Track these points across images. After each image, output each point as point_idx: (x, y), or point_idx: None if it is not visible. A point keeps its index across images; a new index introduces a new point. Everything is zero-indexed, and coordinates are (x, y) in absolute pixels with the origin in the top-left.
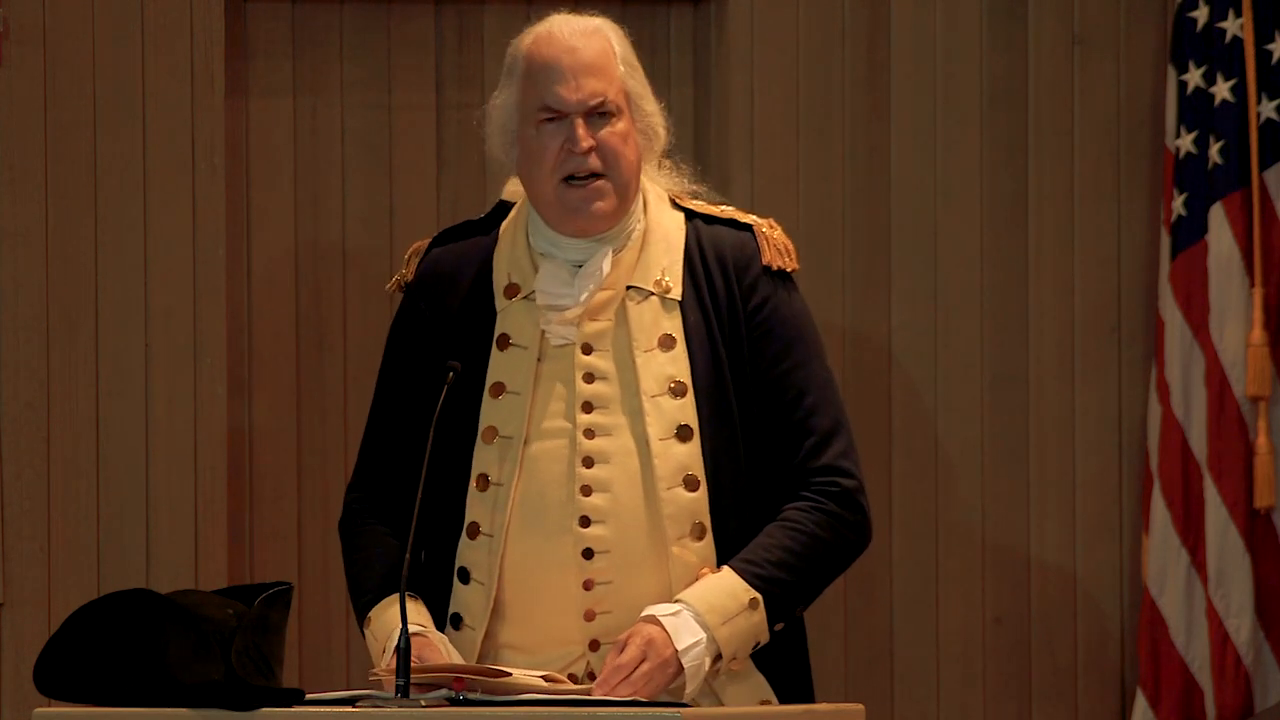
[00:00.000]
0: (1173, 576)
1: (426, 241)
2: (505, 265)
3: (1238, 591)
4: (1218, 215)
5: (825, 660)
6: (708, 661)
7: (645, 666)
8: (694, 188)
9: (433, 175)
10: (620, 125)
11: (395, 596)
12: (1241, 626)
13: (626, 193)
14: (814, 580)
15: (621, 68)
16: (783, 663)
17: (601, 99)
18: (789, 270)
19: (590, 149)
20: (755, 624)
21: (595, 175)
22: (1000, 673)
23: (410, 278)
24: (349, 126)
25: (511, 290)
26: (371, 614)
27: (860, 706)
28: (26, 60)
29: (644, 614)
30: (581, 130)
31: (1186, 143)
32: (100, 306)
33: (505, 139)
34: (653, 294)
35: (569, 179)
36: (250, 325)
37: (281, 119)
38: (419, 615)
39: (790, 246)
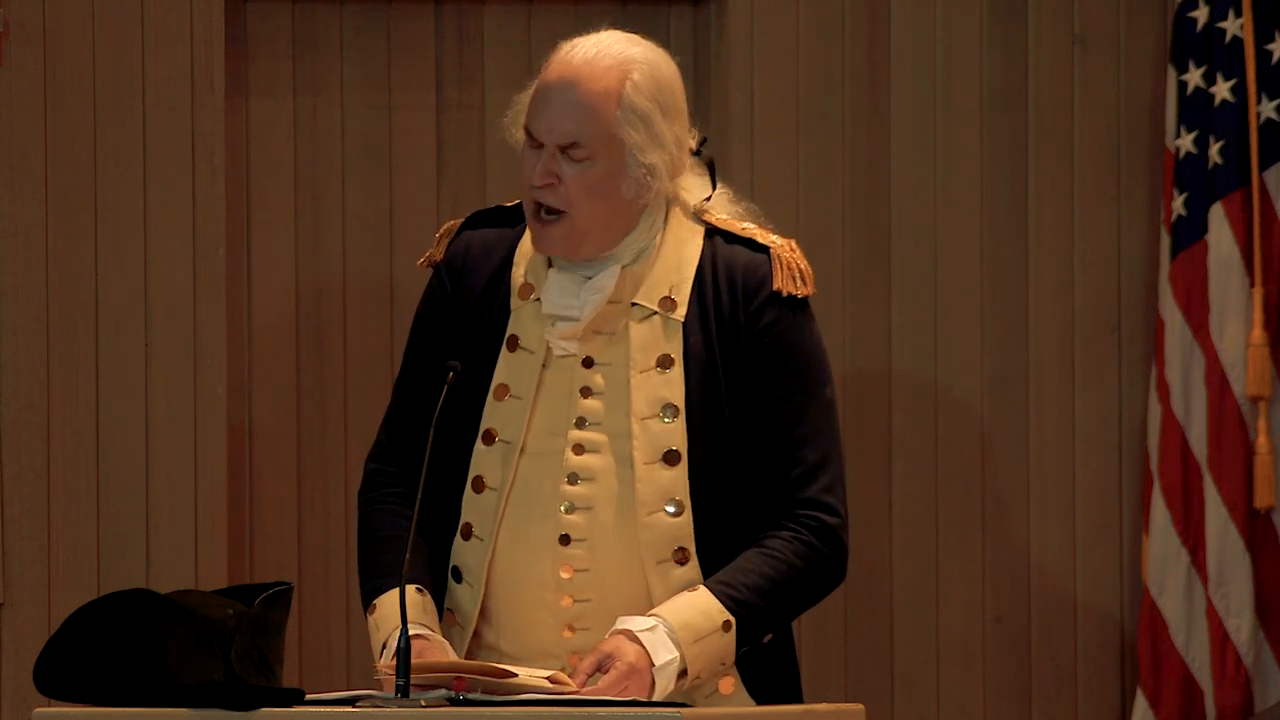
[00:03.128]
0: (1173, 576)
1: (459, 222)
2: (524, 264)
3: (1238, 591)
4: (1218, 215)
5: (825, 660)
6: (674, 680)
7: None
8: (721, 193)
9: (433, 175)
10: (594, 171)
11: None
12: (1241, 626)
13: (593, 232)
14: (786, 609)
15: (618, 113)
16: (772, 676)
17: (573, 141)
18: (801, 296)
19: (548, 185)
20: (725, 646)
21: (553, 211)
22: (1000, 673)
23: (440, 257)
24: (349, 126)
25: (526, 291)
26: (377, 601)
27: (860, 706)
28: (26, 60)
29: (619, 626)
30: (546, 165)
31: (1186, 143)
32: (100, 306)
33: (518, 137)
34: (656, 313)
35: (537, 205)
36: (250, 325)
37: (281, 119)
38: (424, 614)
39: (807, 271)
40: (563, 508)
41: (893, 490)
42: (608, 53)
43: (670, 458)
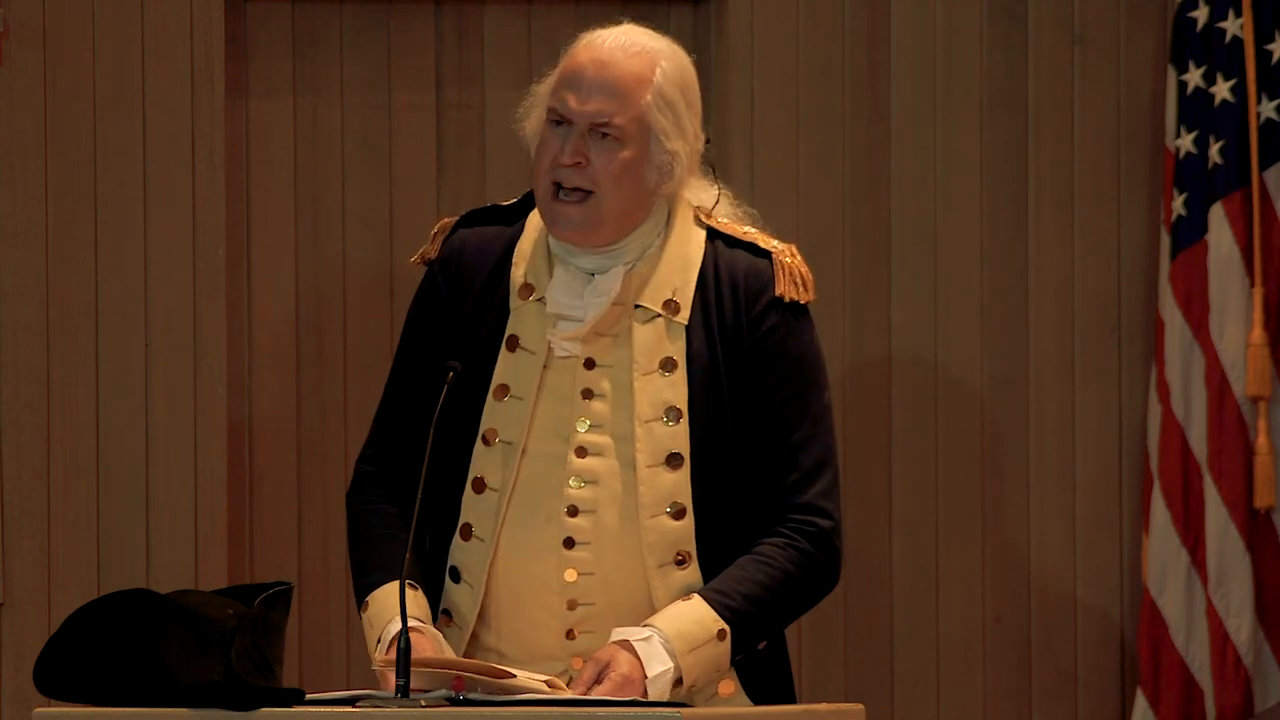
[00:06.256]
0: (1173, 576)
1: (453, 220)
2: (524, 264)
3: (1238, 591)
4: (1218, 215)
5: (825, 660)
6: (669, 689)
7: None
8: (722, 195)
9: (433, 175)
10: (624, 154)
11: (396, 584)
12: (1241, 626)
13: (612, 217)
14: (781, 616)
15: (650, 98)
16: (768, 678)
17: (606, 120)
18: (802, 302)
19: (577, 164)
20: (720, 654)
21: (578, 191)
22: (1000, 673)
23: (434, 255)
24: (349, 126)
25: (526, 291)
26: (370, 598)
27: (860, 706)
28: (26, 60)
29: (615, 637)
30: (575, 144)
31: (1186, 143)
32: (100, 306)
33: (535, 125)
34: (659, 315)
35: (557, 186)
36: (250, 325)
37: (281, 119)
38: (418, 608)
39: (808, 277)
40: (566, 510)
41: (893, 490)
42: (637, 41)
43: (674, 460)
